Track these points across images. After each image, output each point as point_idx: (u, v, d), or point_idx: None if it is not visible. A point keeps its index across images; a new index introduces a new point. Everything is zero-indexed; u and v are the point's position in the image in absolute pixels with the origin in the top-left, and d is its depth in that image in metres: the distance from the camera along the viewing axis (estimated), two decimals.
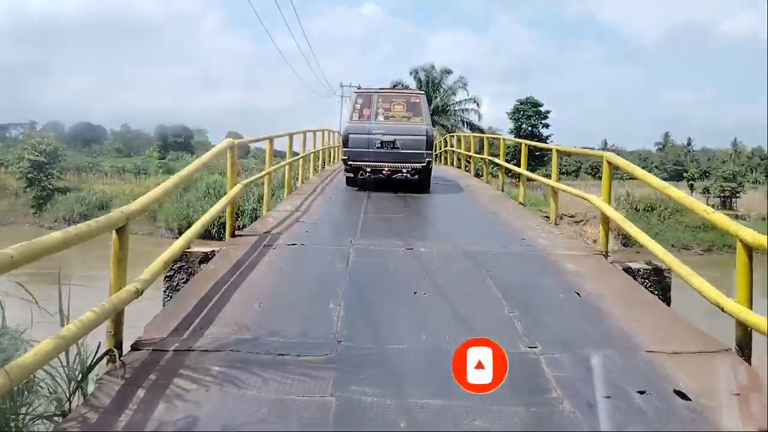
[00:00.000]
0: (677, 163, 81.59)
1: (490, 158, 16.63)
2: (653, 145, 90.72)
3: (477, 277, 6.09)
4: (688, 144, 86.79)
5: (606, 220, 7.28)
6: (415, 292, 5.48)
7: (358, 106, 12.53)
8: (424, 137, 12.14)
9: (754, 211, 39.84)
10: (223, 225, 8.26)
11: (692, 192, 40.73)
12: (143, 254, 6.36)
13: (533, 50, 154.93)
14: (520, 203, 12.03)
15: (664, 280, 6.59)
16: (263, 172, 10.16)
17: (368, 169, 12.34)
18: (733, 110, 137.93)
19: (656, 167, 76.25)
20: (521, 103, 62.51)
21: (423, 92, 14.24)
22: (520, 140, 15.76)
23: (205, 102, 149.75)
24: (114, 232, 4.18)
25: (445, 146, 26.28)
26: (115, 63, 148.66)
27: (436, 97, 44.00)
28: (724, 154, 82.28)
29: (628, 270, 6.54)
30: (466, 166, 21.85)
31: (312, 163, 16.33)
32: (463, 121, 45.53)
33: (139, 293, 4.20)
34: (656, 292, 6.23)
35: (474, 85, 45.81)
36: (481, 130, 45.45)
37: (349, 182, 13.09)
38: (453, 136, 26.17)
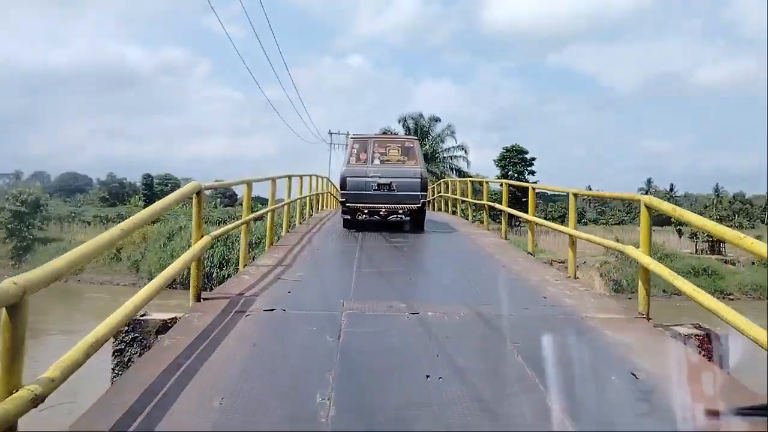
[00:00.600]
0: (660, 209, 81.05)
1: (491, 204, 15.48)
2: (636, 191, 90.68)
3: (502, 352, 4.75)
4: (671, 190, 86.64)
5: (646, 275, 6.00)
6: (428, 376, 4.13)
7: (355, 150, 12.84)
8: (419, 180, 12.45)
9: (743, 256, 38.90)
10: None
11: (680, 237, 39.79)
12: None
13: (515, 100, 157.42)
14: (528, 253, 10.78)
15: (720, 347, 5.38)
16: (238, 222, 8.73)
17: (366, 211, 12.80)
18: (711, 156, 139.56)
19: (639, 213, 75.61)
20: (507, 151, 62.08)
21: (416, 137, 14.56)
22: (528, 184, 14.77)
23: (192, 150, 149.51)
24: (4, 310, 2.81)
25: (438, 192, 25.31)
26: (103, 113, 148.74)
27: (425, 144, 43.25)
28: (706, 199, 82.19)
29: (677, 336, 5.29)
30: (462, 212, 20.77)
31: (298, 210, 14.83)
32: (451, 168, 44.80)
33: (37, 401, 2.83)
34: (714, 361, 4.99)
35: (458, 133, 44.99)
36: (469, 176, 44.77)
37: (346, 224, 13.19)
38: (445, 182, 25.39)
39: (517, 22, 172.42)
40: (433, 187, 26.46)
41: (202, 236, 6.15)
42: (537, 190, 11.84)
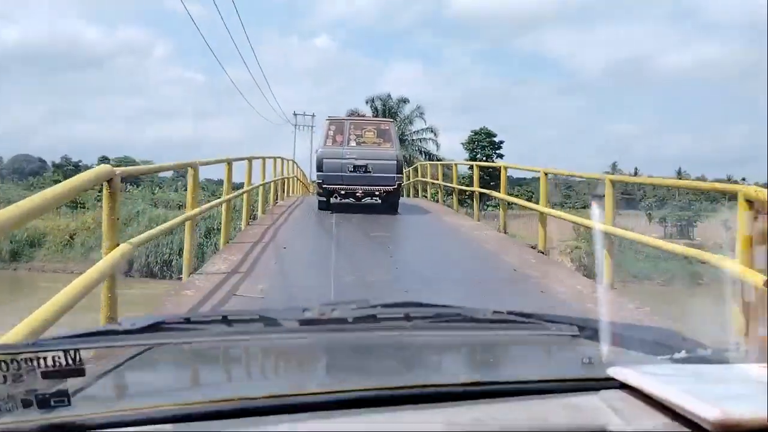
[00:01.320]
0: (625, 192, 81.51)
1: (488, 192, 13.81)
2: (602, 174, 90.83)
3: None
4: (635, 174, 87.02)
5: None
6: None
7: (331, 132, 12.82)
8: (395, 162, 12.61)
9: (711, 240, 38.54)
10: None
11: (650, 222, 39.26)
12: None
13: (483, 82, 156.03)
14: (539, 251, 9.16)
15: None
16: (178, 219, 6.90)
17: (342, 192, 12.86)
18: (674, 140, 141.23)
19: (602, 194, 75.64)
20: (475, 134, 60.91)
21: (392, 120, 14.85)
22: (500, 164, 14.72)
23: (154, 133, 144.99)
24: None
25: (415, 176, 23.41)
26: (60, 94, 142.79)
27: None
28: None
29: None
30: (433, 196, 19.52)
31: (261, 199, 12.98)
32: (420, 151, 43.11)
33: None
34: None
35: (427, 116, 43.26)
36: (439, 160, 43.20)
37: (322, 206, 13.06)
38: (414, 168, 23.81)
39: (486, 4, 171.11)
40: (414, 169, 25.03)
41: (118, 244, 4.29)
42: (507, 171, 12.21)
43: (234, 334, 1.33)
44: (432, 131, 43.43)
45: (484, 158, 60.16)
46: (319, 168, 12.66)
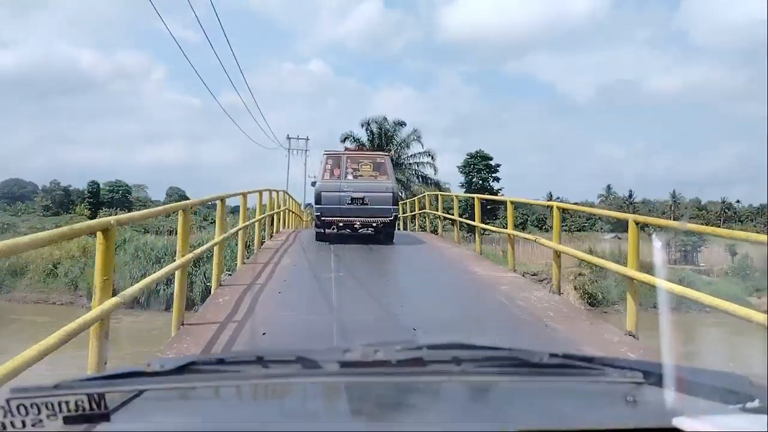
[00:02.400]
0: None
1: (496, 230, 14.06)
2: (596, 197, 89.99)
3: None
4: (630, 196, 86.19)
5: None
6: None
7: (329, 166, 13.02)
8: (391, 194, 12.84)
9: (717, 266, 37.37)
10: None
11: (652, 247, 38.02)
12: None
13: (474, 106, 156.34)
14: (553, 291, 8.09)
15: None
16: (168, 267, 5.84)
17: (340, 224, 13.01)
18: (663, 162, 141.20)
19: (600, 219, 74.92)
20: (471, 157, 59.91)
21: (388, 153, 15.07)
22: (505, 198, 13.79)
23: (147, 157, 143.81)
24: None
25: (420, 207, 21.02)
26: (54, 118, 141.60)
27: (390, 150, 40.24)
28: (663, 205, 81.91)
29: None
30: (434, 228, 18.18)
31: (257, 234, 11.69)
32: (417, 175, 41.75)
33: None
34: None
35: (422, 139, 41.70)
36: (437, 184, 41.94)
37: (319, 237, 13.30)
38: (420, 198, 22.15)
39: (476, 30, 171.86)
40: (411, 201, 23.58)
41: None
42: (508, 200, 11.80)
43: (271, 377, 1.28)
44: (429, 155, 41.96)
45: (480, 182, 59.22)
46: (318, 201, 12.83)
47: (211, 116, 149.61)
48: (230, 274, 9.37)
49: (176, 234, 6.46)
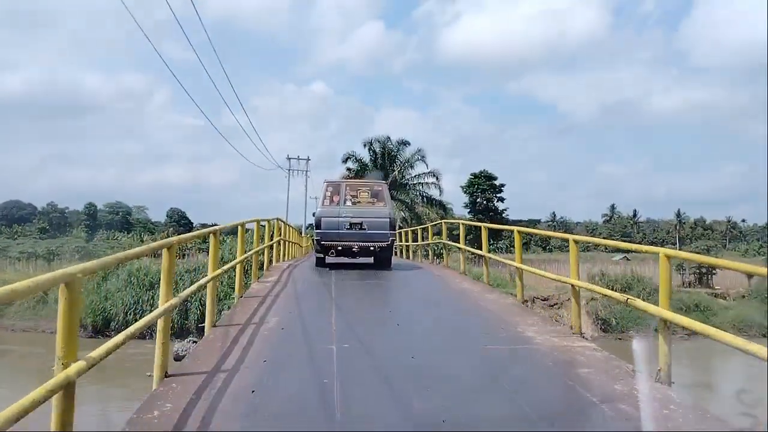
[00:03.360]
0: (624, 234, 79.10)
1: (505, 261, 12.96)
2: (600, 216, 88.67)
3: None
4: (634, 215, 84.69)
5: None
6: None
7: (329, 193, 13.43)
8: (387, 219, 13.21)
9: (733, 289, 35.61)
10: None
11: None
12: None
13: (475, 127, 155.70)
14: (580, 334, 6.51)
15: None
16: (150, 316, 4.92)
17: (339, 248, 13.14)
18: (664, 181, 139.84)
19: (604, 238, 73.34)
20: (475, 177, 58.34)
21: (385, 182, 15.73)
22: (513, 227, 12.00)
23: (149, 178, 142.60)
24: None
25: (435, 235, 19.27)
26: (57, 140, 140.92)
27: (393, 171, 38.65)
28: (668, 225, 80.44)
29: None
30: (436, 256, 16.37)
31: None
32: (422, 196, 40.03)
33: None
34: None
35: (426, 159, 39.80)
36: (442, 205, 40.37)
37: (319, 263, 13.76)
38: (427, 227, 20.23)
39: (477, 51, 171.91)
40: (421, 229, 21.74)
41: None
42: (521, 230, 10.58)
43: None
44: (434, 175, 40.20)
45: (485, 201, 57.66)
46: (318, 226, 13.12)
47: (213, 137, 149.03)
48: (195, 341, 7.17)
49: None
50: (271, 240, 13.96)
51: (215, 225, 10.20)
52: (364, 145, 39.65)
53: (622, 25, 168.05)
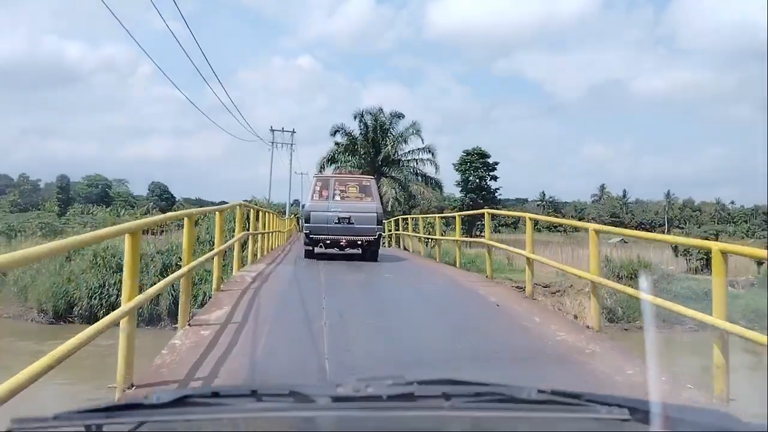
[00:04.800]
0: (613, 215, 77.30)
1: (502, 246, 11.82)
2: (589, 196, 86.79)
3: None
4: (624, 196, 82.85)
5: None
6: None
7: (318, 188, 13.68)
8: (375, 214, 13.39)
9: (741, 276, 33.45)
10: None
11: (677, 256, 34.05)
12: None
13: (463, 104, 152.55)
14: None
15: None
16: (112, 315, 3.90)
17: (327, 241, 13.47)
18: (650, 162, 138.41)
19: (593, 218, 71.57)
20: (468, 154, 55.80)
21: (373, 177, 16.07)
22: (525, 214, 10.93)
23: (134, 151, 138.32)
24: None
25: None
26: (37, 111, 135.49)
27: (386, 146, 35.65)
28: (657, 205, 78.81)
29: None
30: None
31: (237, 258, 8.61)
32: (416, 173, 36.97)
33: None
34: None
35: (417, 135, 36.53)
36: (438, 183, 37.61)
37: (308, 254, 13.89)
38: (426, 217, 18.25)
39: (465, 28, 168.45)
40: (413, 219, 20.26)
41: None
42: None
43: (264, 411, 1.25)
44: (429, 151, 36.87)
45: (477, 180, 55.13)
46: (307, 220, 13.38)
47: (196, 111, 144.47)
48: (130, 388, 4.11)
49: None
50: (247, 230, 11.30)
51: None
52: (355, 117, 36.49)
53: (611, 5, 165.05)
